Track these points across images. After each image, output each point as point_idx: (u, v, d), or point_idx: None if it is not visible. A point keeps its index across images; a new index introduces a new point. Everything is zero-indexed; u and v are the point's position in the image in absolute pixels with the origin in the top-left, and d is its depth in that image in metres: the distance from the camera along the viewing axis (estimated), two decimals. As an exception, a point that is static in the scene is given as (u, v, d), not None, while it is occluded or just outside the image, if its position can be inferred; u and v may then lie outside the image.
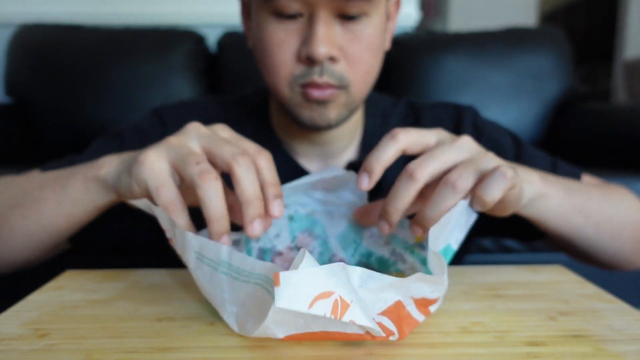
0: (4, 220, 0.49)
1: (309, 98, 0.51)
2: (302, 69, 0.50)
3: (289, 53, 0.50)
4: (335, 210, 0.47)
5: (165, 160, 0.37)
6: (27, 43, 1.58)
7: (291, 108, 0.53)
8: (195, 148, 0.38)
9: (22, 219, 0.48)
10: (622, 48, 3.58)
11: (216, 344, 0.32)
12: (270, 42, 0.50)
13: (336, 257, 0.46)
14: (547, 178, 0.46)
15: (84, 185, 0.45)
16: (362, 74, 0.52)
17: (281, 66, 0.50)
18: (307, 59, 0.49)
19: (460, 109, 0.66)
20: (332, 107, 0.52)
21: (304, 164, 0.62)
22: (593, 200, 0.49)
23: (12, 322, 0.36)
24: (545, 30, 1.71)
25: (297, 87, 0.51)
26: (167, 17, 1.83)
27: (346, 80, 0.51)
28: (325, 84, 0.50)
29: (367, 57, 0.51)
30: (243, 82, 1.58)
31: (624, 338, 0.33)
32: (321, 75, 0.49)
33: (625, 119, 1.41)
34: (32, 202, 0.48)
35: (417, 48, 1.61)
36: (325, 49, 0.47)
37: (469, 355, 0.30)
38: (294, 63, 0.50)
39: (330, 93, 0.50)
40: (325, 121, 0.53)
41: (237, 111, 0.66)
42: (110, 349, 0.31)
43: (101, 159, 0.45)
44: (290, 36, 0.49)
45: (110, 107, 1.54)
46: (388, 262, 0.45)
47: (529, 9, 3.58)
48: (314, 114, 0.52)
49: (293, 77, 0.50)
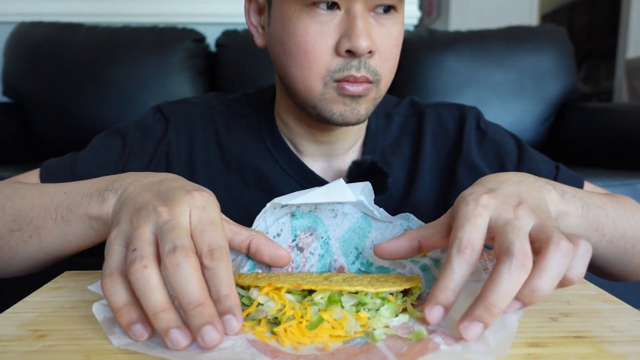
0: (5, 242, 0.47)
1: (344, 93, 0.50)
2: (339, 63, 0.49)
3: (327, 47, 0.49)
4: (338, 207, 0.47)
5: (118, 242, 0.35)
6: (25, 41, 1.58)
7: (321, 104, 0.52)
8: (146, 235, 0.34)
9: (24, 244, 0.46)
10: (624, 47, 3.58)
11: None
12: (306, 35, 0.49)
13: (337, 262, 0.46)
14: (565, 194, 0.45)
15: (88, 223, 0.43)
16: (391, 68, 0.53)
17: (317, 60, 0.50)
18: (347, 52, 0.49)
19: (464, 110, 0.65)
20: (363, 102, 0.52)
21: (308, 163, 0.62)
22: (608, 216, 0.48)
23: (10, 323, 0.35)
24: (547, 29, 1.71)
25: (332, 82, 0.50)
26: (166, 16, 1.83)
27: (379, 75, 0.51)
28: (363, 77, 0.50)
29: (395, 52, 0.52)
30: (242, 81, 1.58)
31: (626, 339, 0.33)
32: (359, 69, 0.49)
33: (627, 118, 1.41)
34: (34, 229, 0.46)
35: (417, 47, 1.61)
36: (368, 43, 0.48)
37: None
38: (331, 57, 0.49)
39: (365, 88, 0.50)
40: (356, 117, 0.52)
41: (240, 108, 0.65)
42: (109, 350, 0.31)
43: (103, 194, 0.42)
44: (327, 29, 0.49)
45: (109, 105, 1.53)
46: (388, 270, 0.45)
47: (530, 8, 3.58)
48: (347, 109, 0.52)
49: (329, 72, 0.50)
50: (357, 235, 0.47)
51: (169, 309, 0.31)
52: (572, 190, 0.46)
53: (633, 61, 3.08)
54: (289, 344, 0.32)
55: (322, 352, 0.31)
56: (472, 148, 0.62)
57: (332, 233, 0.46)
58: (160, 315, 0.30)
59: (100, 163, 0.60)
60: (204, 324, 0.30)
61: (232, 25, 1.75)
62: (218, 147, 0.63)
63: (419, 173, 0.62)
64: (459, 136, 0.63)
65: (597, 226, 0.47)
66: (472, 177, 0.61)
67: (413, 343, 0.31)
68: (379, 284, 0.36)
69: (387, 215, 0.46)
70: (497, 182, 0.39)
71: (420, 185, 0.62)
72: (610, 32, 4.35)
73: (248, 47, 1.59)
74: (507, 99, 1.58)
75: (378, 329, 0.33)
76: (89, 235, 0.44)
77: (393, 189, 0.61)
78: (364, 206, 0.45)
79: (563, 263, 0.31)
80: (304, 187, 0.57)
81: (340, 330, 0.33)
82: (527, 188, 0.40)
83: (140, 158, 0.61)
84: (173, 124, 0.62)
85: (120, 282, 0.32)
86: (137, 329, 0.31)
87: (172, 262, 0.31)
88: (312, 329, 0.33)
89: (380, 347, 0.31)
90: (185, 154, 0.62)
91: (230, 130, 0.63)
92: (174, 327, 0.30)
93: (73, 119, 1.54)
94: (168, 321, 0.30)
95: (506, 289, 0.30)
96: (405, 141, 0.64)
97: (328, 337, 0.32)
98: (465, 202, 0.36)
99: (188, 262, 0.31)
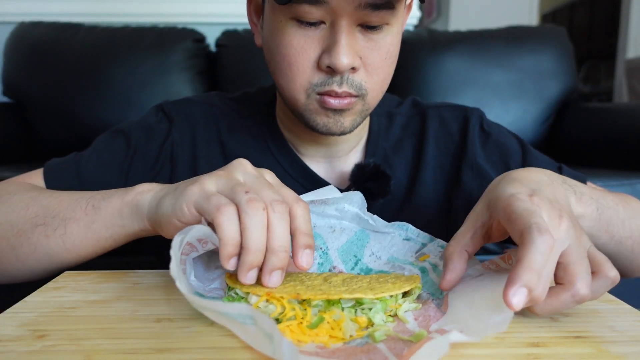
0: (25, 238, 0.47)
1: (326, 106, 0.50)
2: (321, 78, 0.49)
3: (309, 61, 0.49)
4: (336, 224, 0.47)
5: (215, 187, 0.38)
6: (25, 41, 1.58)
7: (306, 114, 0.52)
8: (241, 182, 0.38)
9: (46, 238, 0.46)
10: (624, 47, 3.57)
11: (216, 344, 0.32)
12: (290, 48, 0.49)
13: (336, 269, 0.46)
14: (583, 196, 0.45)
15: (119, 208, 0.44)
16: (380, 82, 0.52)
17: (299, 73, 0.49)
18: (328, 68, 0.48)
19: (467, 111, 0.65)
20: (347, 115, 0.51)
21: (310, 164, 0.62)
22: (619, 217, 0.48)
23: (10, 323, 0.35)
24: (547, 29, 1.71)
25: (314, 94, 0.50)
26: (166, 16, 1.83)
27: (364, 90, 0.50)
28: (345, 93, 0.49)
29: (385, 65, 0.51)
30: (242, 80, 1.58)
31: (626, 339, 0.33)
32: (340, 85, 0.49)
33: (627, 118, 1.41)
34: (60, 221, 0.46)
35: (418, 47, 1.61)
36: (349, 60, 0.47)
37: (471, 356, 0.30)
38: (313, 71, 0.49)
39: (348, 102, 0.50)
40: (340, 129, 0.52)
41: (242, 108, 0.65)
42: (110, 350, 0.31)
43: (140, 185, 0.45)
44: (310, 43, 0.48)
45: (109, 105, 1.53)
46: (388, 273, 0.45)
47: (530, 8, 3.57)
48: (330, 120, 0.51)
49: (311, 85, 0.50)
50: (356, 245, 0.47)
51: (264, 251, 0.35)
52: (589, 192, 0.46)
53: (633, 61, 3.08)
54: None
55: (322, 350, 0.31)
56: (477, 150, 0.62)
57: (331, 244, 0.47)
58: (261, 255, 0.35)
59: (105, 165, 0.60)
60: (280, 267, 0.36)
61: (232, 25, 1.75)
62: (220, 146, 0.63)
63: (422, 174, 0.62)
64: (463, 138, 0.63)
65: (608, 227, 0.47)
66: (477, 179, 0.61)
67: (414, 345, 0.31)
68: (378, 286, 0.36)
69: (383, 222, 0.47)
70: (534, 182, 0.38)
71: (422, 187, 0.62)
72: (610, 32, 4.35)
73: (248, 47, 1.59)
74: (507, 99, 1.58)
75: (379, 330, 0.33)
76: (113, 225, 0.45)
77: (395, 190, 0.61)
78: (360, 218, 0.46)
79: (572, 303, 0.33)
80: (306, 189, 0.57)
81: (339, 331, 0.33)
82: (558, 192, 0.39)
83: (144, 158, 0.61)
84: (176, 123, 0.62)
85: (235, 216, 0.35)
86: (234, 262, 0.36)
87: (277, 210, 0.35)
88: (313, 329, 0.33)
89: (381, 349, 0.31)
90: (188, 154, 0.62)
91: (232, 130, 0.63)
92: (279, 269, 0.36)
93: (73, 119, 1.54)
94: (273, 262, 0.35)
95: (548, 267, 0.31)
96: (407, 142, 0.64)
97: (328, 338, 0.32)
98: (517, 199, 0.34)
99: (285, 214, 0.36)
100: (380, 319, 0.35)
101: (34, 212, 0.48)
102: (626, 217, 0.49)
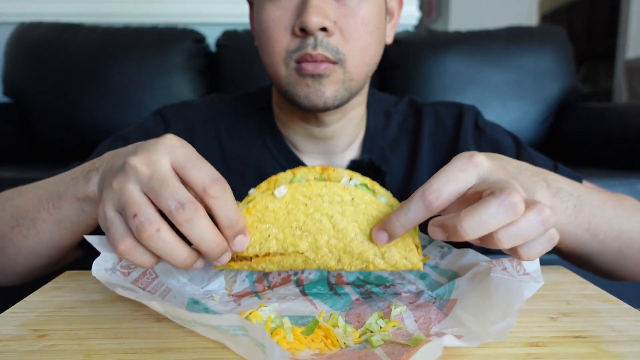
0: (7, 240, 0.48)
1: (303, 72, 0.50)
2: (296, 43, 0.50)
3: (284, 29, 0.50)
4: None
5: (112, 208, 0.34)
6: (25, 42, 1.58)
7: (288, 88, 0.53)
8: (137, 195, 0.33)
9: (24, 239, 0.47)
10: (623, 47, 3.57)
11: (216, 344, 0.32)
12: (267, 22, 0.51)
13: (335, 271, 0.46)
14: (560, 192, 0.44)
15: (79, 206, 0.43)
16: (359, 50, 0.52)
17: (276, 43, 0.51)
18: (300, 30, 0.49)
19: (462, 108, 0.66)
20: (327, 84, 0.51)
21: (307, 161, 0.62)
22: (604, 216, 0.47)
23: (10, 323, 0.35)
24: (547, 29, 1.71)
25: (292, 62, 0.51)
26: (166, 16, 1.83)
27: (341, 54, 0.51)
28: (320, 55, 0.49)
29: (362, 32, 0.51)
30: (242, 81, 1.58)
31: (625, 339, 0.33)
32: (315, 47, 0.49)
33: (626, 118, 1.41)
34: (30, 222, 0.46)
35: (417, 47, 1.61)
36: (318, 19, 0.48)
37: (471, 356, 0.30)
38: (288, 38, 0.51)
39: (325, 67, 0.50)
40: (322, 99, 0.52)
41: (241, 108, 0.66)
42: (110, 349, 0.31)
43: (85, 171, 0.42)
44: (284, 13, 0.50)
45: (109, 106, 1.53)
46: (387, 279, 0.45)
47: (530, 9, 3.57)
48: (310, 90, 0.51)
49: (288, 53, 0.51)
50: None
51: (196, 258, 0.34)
52: (570, 188, 0.45)
53: (632, 61, 3.08)
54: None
55: (319, 356, 0.31)
56: (469, 145, 0.62)
57: None
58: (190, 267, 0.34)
59: None
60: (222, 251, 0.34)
61: (232, 25, 1.75)
62: (219, 148, 0.63)
63: (418, 171, 0.62)
64: (457, 134, 0.63)
65: (589, 225, 0.46)
66: None
67: (412, 349, 0.31)
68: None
69: None
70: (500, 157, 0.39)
71: (418, 183, 0.62)
72: (609, 32, 4.35)
73: (248, 47, 1.59)
74: (507, 99, 1.58)
75: (376, 335, 0.33)
76: (82, 219, 0.44)
77: (392, 186, 0.61)
78: None
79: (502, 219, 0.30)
80: None
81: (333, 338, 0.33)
82: (524, 176, 0.41)
83: None
84: (172, 125, 0.63)
85: (136, 245, 0.32)
86: (200, 263, 0.35)
87: (184, 218, 0.31)
88: (308, 334, 0.33)
89: (378, 354, 0.30)
90: None
91: (231, 131, 0.64)
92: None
93: (73, 119, 1.54)
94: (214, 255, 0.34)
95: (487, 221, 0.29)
96: (404, 140, 0.65)
97: (323, 346, 0.32)
98: (460, 156, 0.35)
99: (198, 214, 0.32)
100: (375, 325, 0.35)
101: (10, 213, 0.48)
102: (614, 216, 0.48)
